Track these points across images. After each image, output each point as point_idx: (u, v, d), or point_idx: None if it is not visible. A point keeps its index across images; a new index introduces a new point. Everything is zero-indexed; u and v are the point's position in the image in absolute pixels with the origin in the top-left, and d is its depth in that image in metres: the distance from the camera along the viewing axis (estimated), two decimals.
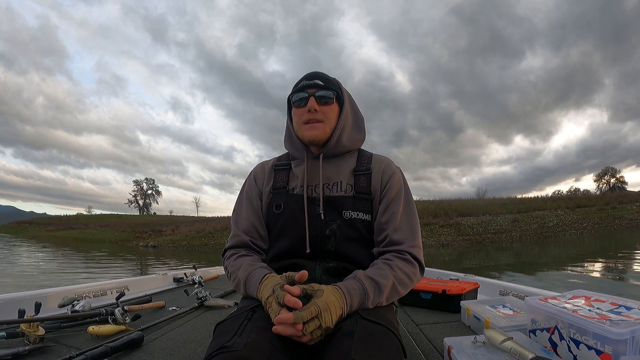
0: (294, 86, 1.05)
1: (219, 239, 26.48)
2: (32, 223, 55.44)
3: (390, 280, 0.88)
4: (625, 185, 50.95)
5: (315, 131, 1.00)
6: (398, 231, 0.96)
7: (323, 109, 1.01)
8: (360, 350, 0.67)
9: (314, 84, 1.01)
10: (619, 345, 0.77)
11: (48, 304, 1.60)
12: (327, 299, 0.76)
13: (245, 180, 1.15)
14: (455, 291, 1.69)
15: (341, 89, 1.06)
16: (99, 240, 34.21)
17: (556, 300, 1.04)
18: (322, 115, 1.01)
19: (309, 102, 0.99)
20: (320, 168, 1.03)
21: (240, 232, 1.04)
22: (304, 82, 1.02)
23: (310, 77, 1.03)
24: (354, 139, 1.08)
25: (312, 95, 1.00)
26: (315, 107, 0.99)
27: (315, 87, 1.01)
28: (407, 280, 0.93)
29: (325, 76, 1.04)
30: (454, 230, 22.62)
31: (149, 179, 70.89)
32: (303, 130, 1.02)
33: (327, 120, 1.02)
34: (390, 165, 1.06)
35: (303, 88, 1.01)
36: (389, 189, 1.01)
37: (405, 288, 0.93)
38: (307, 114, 1.00)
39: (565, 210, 25.58)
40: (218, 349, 0.67)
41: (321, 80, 1.02)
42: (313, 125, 1.01)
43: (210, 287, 2.41)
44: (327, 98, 1.01)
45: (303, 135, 1.02)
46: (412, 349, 1.19)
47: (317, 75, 1.03)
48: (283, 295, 0.75)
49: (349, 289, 0.82)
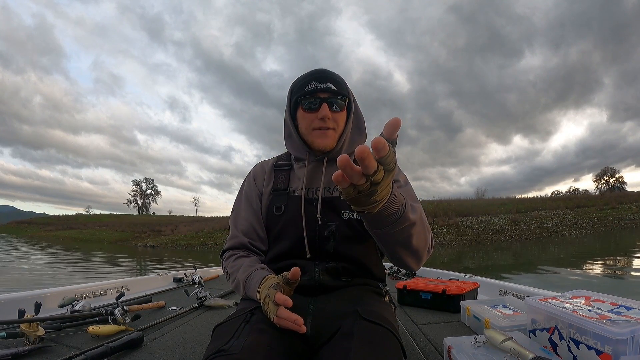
0: (300, 84, 0.99)
1: (217, 238, 26.47)
2: (31, 223, 55.38)
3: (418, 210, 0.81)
4: (624, 185, 51.07)
5: (327, 139, 0.98)
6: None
7: (335, 116, 0.97)
8: (359, 352, 0.67)
9: (326, 87, 0.95)
10: (619, 345, 0.77)
11: (48, 304, 1.60)
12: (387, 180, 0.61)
13: (244, 180, 1.13)
14: (455, 291, 1.69)
15: (350, 92, 1.01)
16: (98, 240, 34.17)
17: (556, 300, 1.05)
18: (333, 123, 0.97)
19: (322, 109, 0.95)
20: (323, 171, 1.02)
21: (239, 233, 1.03)
22: (315, 84, 0.95)
23: (321, 78, 0.96)
24: (355, 142, 1.06)
25: (325, 101, 0.95)
26: (329, 115, 0.95)
27: (328, 91, 0.95)
28: (426, 231, 0.84)
29: (335, 78, 0.98)
30: (453, 230, 22.64)
31: (148, 179, 70.94)
32: (313, 137, 0.99)
33: (337, 127, 0.99)
34: None
35: (314, 91, 0.95)
36: None
37: (427, 231, 0.84)
38: (318, 121, 0.96)
39: (565, 211, 25.60)
40: (215, 352, 0.67)
41: (333, 83, 0.96)
42: (324, 133, 0.97)
43: (210, 287, 2.41)
44: (340, 105, 0.97)
45: (313, 142, 0.99)
46: (412, 349, 1.20)
47: (328, 77, 0.97)
48: (274, 293, 0.78)
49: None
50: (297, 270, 0.79)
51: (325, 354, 0.73)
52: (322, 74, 0.98)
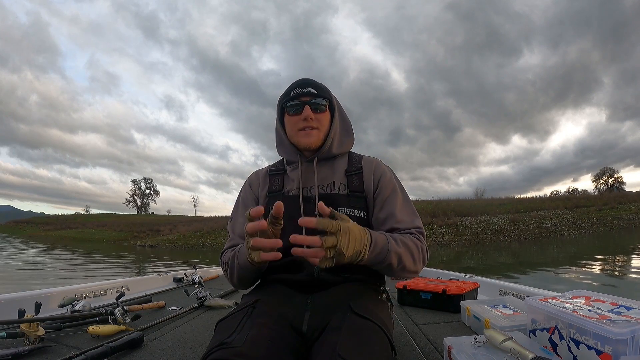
0: (285, 93, 1.07)
1: (216, 238, 26.47)
2: (29, 222, 55.34)
3: (406, 240, 0.92)
4: (623, 185, 51.17)
5: (311, 138, 1.04)
6: (401, 221, 1.00)
7: (317, 116, 1.05)
8: (346, 345, 0.68)
9: (307, 92, 1.03)
10: (619, 345, 0.78)
11: (48, 304, 1.60)
12: (351, 226, 0.77)
13: (241, 188, 1.18)
14: (455, 291, 1.69)
15: (331, 96, 1.09)
16: (96, 240, 34.14)
17: (556, 300, 1.05)
18: (316, 123, 1.04)
19: (304, 111, 1.02)
20: (315, 170, 1.06)
21: (236, 237, 1.07)
22: (297, 90, 1.04)
23: (302, 84, 1.05)
24: (344, 143, 1.12)
25: (307, 103, 1.03)
26: (311, 115, 1.03)
27: (309, 95, 1.03)
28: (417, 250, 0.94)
29: (316, 83, 1.06)
30: (452, 230, 22.67)
31: (147, 179, 70.94)
32: (299, 137, 1.05)
33: (321, 127, 1.06)
34: (379, 165, 1.11)
35: (297, 96, 1.03)
36: (383, 187, 1.05)
37: (418, 254, 0.94)
38: (302, 122, 1.03)
39: (564, 211, 25.67)
40: (217, 345, 0.69)
41: (314, 88, 1.05)
42: (308, 133, 1.04)
43: (210, 287, 2.41)
44: (321, 106, 1.05)
45: (299, 142, 1.06)
46: (412, 349, 1.20)
47: (309, 83, 1.06)
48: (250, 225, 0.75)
49: (373, 232, 0.85)
50: (279, 204, 0.77)
51: (316, 347, 0.75)
52: (304, 81, 1.06)
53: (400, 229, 0.98)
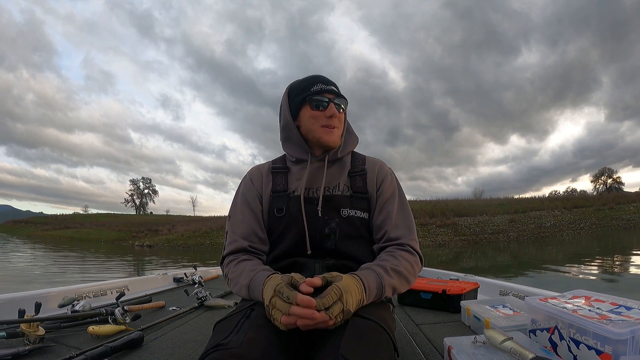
0: (303, 85, 1.06)
1: (215, 238, 26.40)
2: (28, 222, 55.09)
3: (398, 266, 0.91)
4: (622, 186, 51.29)
5: (333, 136, 1.05)
6: (396, 228, 1.01)
7: (339, 116, 1.06)
8: (349, 346, 0.68)
9: (331, 89, 1.04)
10: (619, 345, 0.78)
11: (48, 304, 1.60)
12: (345, 283, 0.77)
13: (240, 184, 1.13)
14: (455, 291, 1.69)
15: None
16: (95, 240, 34.05)
17: (556, 300, 1.05)
18: (337, 122, 1.05)
19: (330, 108, 1.02)
20: (324, 171, 1.05)
21: (238, 237, 1.02)
22: (321, 85, 1.03)
23: (325, 81, 1.05)
24: (352, 143, 1.14)
25: (332, 101, 1.03)
26: (337, 113, 1.03)
27: (333, 93, 1.04)
28: (410, 268, 0.95)
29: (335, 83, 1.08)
30: (451, 230, 22.68)
31: (145, 179, 70.77)
32: (321, 133, 1.04)
33: (340, 126, 1.07)
34: (383, 167, 1.11)
35: (322, 92, 1.03)
36: (384, 190, 1.06)
37: (411, 275, 0.95)
38: (325, 119, 1.03)
39: (563, 211, 25.70)
40: (214, 347, 0.69)
41: (335, 87, 1.06)
42: (331, 131, 1.04)
43: (210, 287, 2.40)
44: (343, 106, 1.07)
45: (320, 139, 1.04)
46: (412, 349, 1.20)
47: (331, 81, 1.06)
48: (294, 295, 0.73)
49: (364, 274, 0.85)
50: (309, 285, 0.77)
51: (318, 348, 0.75)
52: (325, 78, 1.07)
53: (392, 238, 0.99)
